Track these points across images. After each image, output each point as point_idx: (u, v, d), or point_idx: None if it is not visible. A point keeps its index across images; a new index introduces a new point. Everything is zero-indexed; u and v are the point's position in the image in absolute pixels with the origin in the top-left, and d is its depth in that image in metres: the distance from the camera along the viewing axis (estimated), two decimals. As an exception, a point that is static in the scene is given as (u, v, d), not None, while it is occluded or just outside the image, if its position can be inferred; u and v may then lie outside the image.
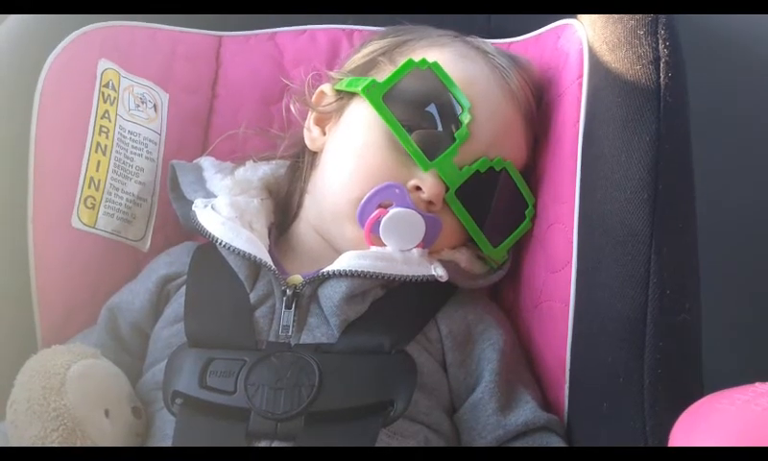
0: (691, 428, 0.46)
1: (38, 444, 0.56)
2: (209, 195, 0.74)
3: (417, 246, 0.68)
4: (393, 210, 0.66)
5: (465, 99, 0.68)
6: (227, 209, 0.71)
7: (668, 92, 0.63)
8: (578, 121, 0.68)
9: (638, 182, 0.61)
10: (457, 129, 0.68)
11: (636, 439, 0.57)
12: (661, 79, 0.63)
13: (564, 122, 0.71)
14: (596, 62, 0.68)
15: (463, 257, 0.71)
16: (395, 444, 0.60)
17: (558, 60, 0.76)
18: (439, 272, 0.67)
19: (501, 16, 0.88)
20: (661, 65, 0.64)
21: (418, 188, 0.67)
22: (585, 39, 0.71)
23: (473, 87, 0.69)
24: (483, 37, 0.79)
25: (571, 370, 0.65)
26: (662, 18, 0.66)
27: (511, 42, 0.85)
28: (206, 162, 0.78)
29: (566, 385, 0.65)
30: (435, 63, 0.69)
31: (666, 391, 0.58)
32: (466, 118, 0.68)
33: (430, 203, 0.68)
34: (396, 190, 0.67)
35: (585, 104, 0.68)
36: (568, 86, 0.71)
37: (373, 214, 0.66)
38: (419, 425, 0.63)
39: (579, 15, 0.74)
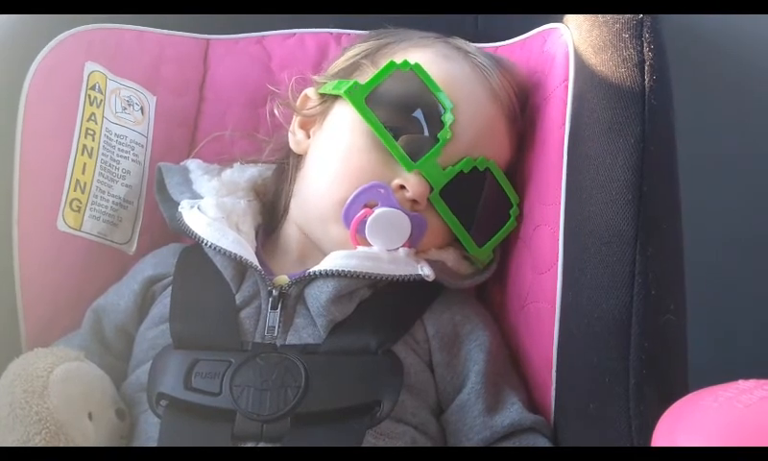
0: (674, 426, 0.46)
1: (21, 447, 0.55)
2: (196, 196, 0.74)
3: (403, 245, 0.68)
4: (378, 210, 0.66)
5: (447, 100, 0.68)
6: (213, 210, 0.71)
7: (653, 95, 0.64)
8: (564, 124, 0.69)
9: (623, 184, 0.61)
10: (440, 130, 0.68)
11: (621, 439, 0.57)
12: (646, 82, 0.64)
13: (550, 125, 0.71)
14: (582, 65, 0.69)
15: (450, 257, 0.71)
16: (381, 444, 0.60)
17: (544, 63, 0.76)
18: (425, 271, 0.67)
19: (488, 21, 0.88)
20: (646, 68, 0.64)
21: (402, 187, 0.67)
22: (570, 43, 0.71)
23: (455, 88, 0.69)
24: (470, 42, 0.79)
25: (558, 370, 0.64)
26: (647, 21, 0.67)
27: (498, 46, 0.86)
28: (193, 164, 0.78)
29: (553, 386, 0.65)
30: (417, 65, 0.69)
31: (651, 391, 0.58)
32: (448, 119, 0.68)
33: (415, 202, 0.68)
34: (382, 190, 0.67)
35: (570, 106, 0.69)
36: (554, 89, 0.72)
37: (359, 214, 0.66)
38: (405, 426, 0.62)
39: (565, 18, 0.74)
